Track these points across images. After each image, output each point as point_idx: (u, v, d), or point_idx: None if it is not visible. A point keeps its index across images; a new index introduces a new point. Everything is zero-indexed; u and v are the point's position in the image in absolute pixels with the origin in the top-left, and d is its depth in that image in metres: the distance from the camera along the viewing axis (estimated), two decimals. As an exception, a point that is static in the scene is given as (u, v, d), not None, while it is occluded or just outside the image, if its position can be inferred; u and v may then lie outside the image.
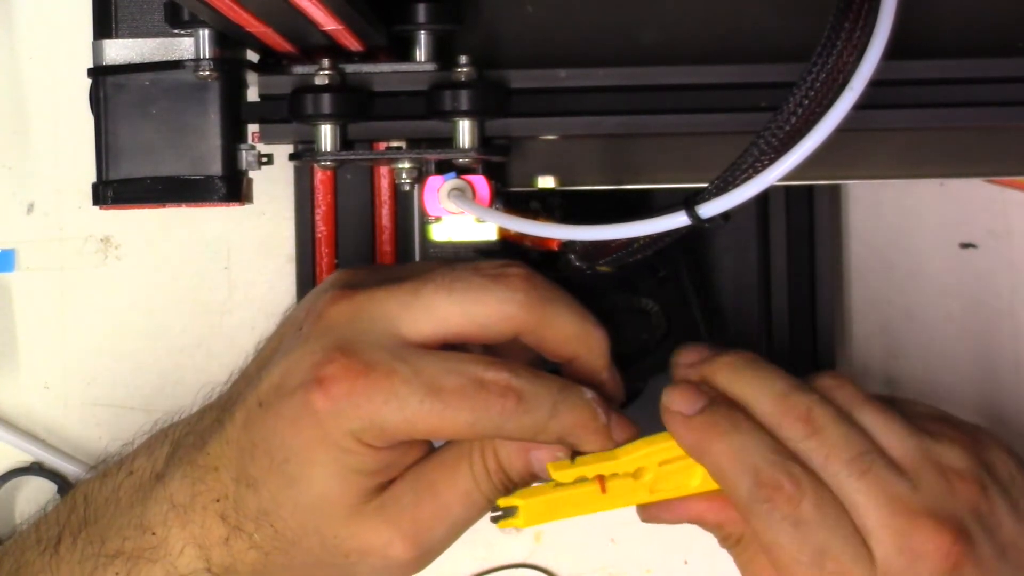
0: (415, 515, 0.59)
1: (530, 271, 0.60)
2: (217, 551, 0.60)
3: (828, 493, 0.57)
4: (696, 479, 0.60)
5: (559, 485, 0.60)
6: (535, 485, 0.61)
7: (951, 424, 0.61)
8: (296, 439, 0.58)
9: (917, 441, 0.58)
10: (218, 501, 0.60)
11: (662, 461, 0.60)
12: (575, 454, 0.60)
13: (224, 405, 0.62)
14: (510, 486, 0.61)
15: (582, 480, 0.60)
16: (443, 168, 0.60)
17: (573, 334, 0.60)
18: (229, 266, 0.76)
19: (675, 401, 0.60)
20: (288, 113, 0.60)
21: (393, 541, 0.59)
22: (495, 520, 0.60)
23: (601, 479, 0.60)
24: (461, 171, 0.60)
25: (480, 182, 0.60)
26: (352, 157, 0.61)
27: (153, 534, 0.60)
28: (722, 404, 0.59)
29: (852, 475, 0.57)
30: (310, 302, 0.61)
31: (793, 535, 0.57)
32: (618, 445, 0.60)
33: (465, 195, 0.60)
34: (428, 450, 0.61)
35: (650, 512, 0.61)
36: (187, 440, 0.62)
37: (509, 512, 0.60)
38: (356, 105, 0.60)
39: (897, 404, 0.61)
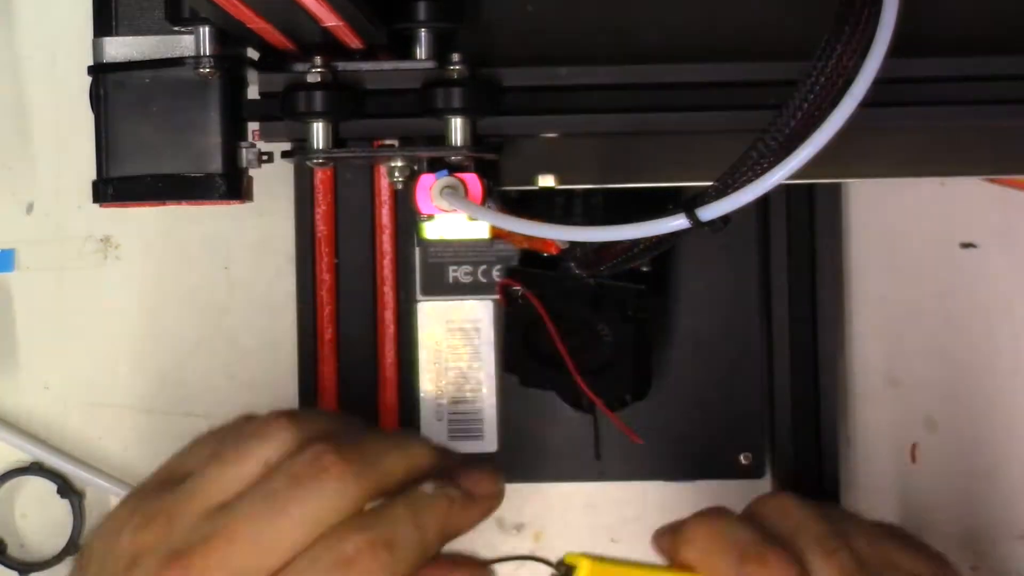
0: None
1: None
2: None
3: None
4: None
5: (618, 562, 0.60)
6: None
7: (913, 542, 0.62)
8: None
9: (883, 546, 0.59)
10: None
11: None
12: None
13: None
14: None
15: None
16: (435, 166, 0.60)
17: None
18: (229, 266, 0.76)
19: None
20: (281, 110, 0.60)
21: None
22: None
23: None
24: (453, 169, 0.60)
25: (472, 180, 0.60)
26: (344, 155, 0.60)
27: None
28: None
29: (818, 554, 0.57)
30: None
31: None
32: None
33: (457, 193, 0.60)
34: None
35: None
36: None
37: (569, 570, 0.59)
38: (348, 103, 0.60)
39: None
